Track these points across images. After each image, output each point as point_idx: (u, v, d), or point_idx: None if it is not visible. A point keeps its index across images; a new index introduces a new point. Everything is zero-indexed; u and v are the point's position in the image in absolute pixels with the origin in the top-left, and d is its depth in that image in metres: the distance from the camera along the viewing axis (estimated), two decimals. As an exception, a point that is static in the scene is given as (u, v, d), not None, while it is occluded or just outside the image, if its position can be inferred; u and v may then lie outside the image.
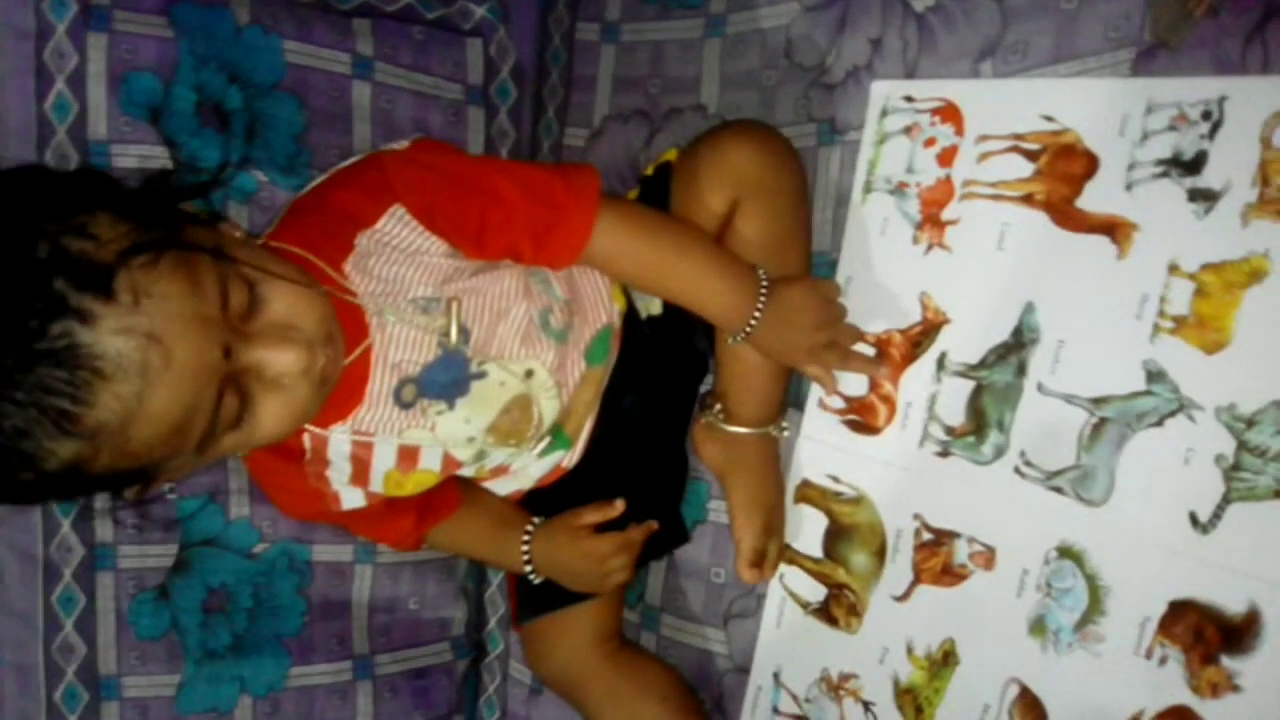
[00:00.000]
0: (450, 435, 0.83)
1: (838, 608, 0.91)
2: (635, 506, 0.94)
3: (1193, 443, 0.73)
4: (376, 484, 0.84)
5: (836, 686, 0.91)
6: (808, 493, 0.93)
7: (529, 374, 0.84)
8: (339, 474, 0.83)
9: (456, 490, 0.93)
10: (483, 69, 1.07)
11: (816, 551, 0.92)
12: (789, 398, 0.94)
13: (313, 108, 0.96)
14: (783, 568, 0.94)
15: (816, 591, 0.92)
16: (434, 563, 1.07)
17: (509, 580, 1.07)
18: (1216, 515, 0.72)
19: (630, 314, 0.93)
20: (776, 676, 0.95)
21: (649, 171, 0.93)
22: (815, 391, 0.92)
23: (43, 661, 0.89)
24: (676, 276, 0.85)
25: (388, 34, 1.01)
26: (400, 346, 0.79)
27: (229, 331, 0.64)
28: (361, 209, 0.79)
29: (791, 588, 0.94)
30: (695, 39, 1.03)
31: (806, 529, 0.93)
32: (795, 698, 0.93)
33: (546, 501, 0.95)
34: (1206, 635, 0.72)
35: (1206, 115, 0.74)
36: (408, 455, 0.83)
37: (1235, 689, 0.70)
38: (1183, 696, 0.73)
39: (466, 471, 0.89)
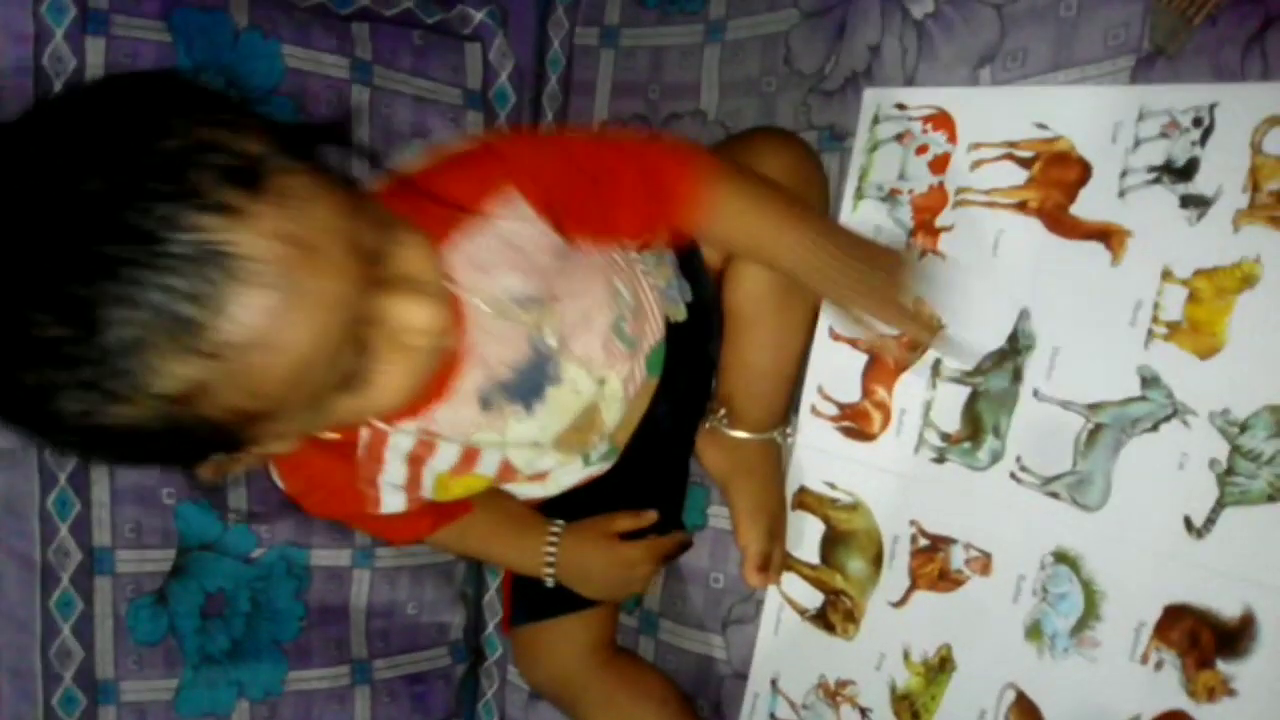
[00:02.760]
0: (518, 440, 0.81)
1: (835, 614, 0.91)
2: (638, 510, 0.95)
3: (1187, 447, 0.73)
4: (426, 487, 0.81)
5: (833, 693, 0.91)
6: (805, 499, 0.93)
7: (602, 383, 0.83)
8: (392, 476, 0.78)
9: None
10: (481, 73, 1.08)
11: (814, 558, 0.93)
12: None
13: (310, 112, 0.96)
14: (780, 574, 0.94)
15: (814, 598, 0.92)
16: (432, 568, 1.07)
17: (504, 583, 1.06)
18: (1211, 520, 0.72)
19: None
20: (774, 683, 0.95)
21: None
22: (807, 397, 0.93)
23: (40, 666, 0.89)
24: (781, 248, 0.80)
25: (386, 39, 1.02)
26: (496, 343, 0.75)
27: (365, 266, 0.55)
28: (470, 192, 0.73)
29: (789, 594, 0.94)
30: (695, 44, 1.04)
31: (804, 535, 0.93)
32: (793, 704, 0.93)
33: (556, 506, 0.95)
34: (1202, 639, 0.72)
35: (1197, 122, 0.74)
36: (468, 458, 0.80)
37: (1231, 693, 0.70)
38: (1179, 701, 0.73)
39: (517, 481, 0.88)
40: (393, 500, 0.81)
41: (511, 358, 0.76)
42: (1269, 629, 0.69)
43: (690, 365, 0.94)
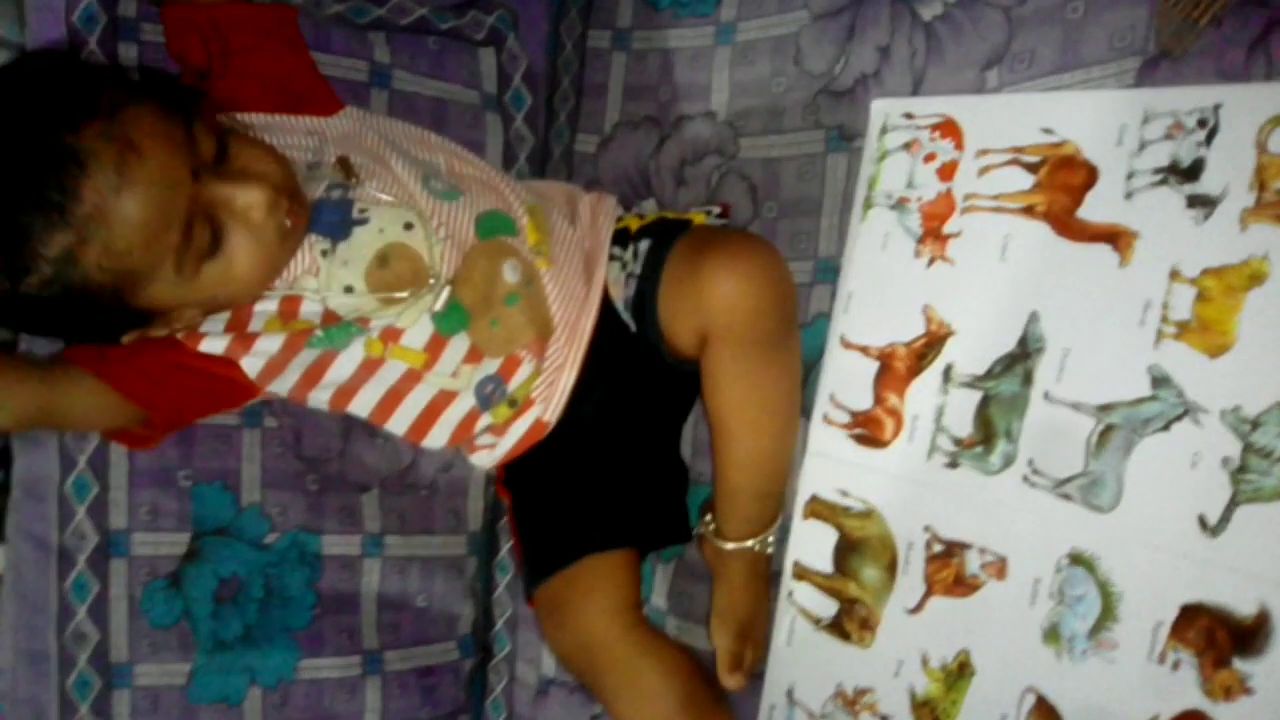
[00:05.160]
0: (331, 280, 0.86)
1: (850, 622, 0.91)
2: (638, 504, 0.97)
3: (1199, 446, 0.73)
4: (257, 327, 0.86)
5: (852, 702, 0.90)
6: (817, 508, 0.93)
7: (408, 227, 0.87)
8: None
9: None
10: (496, 77, 1.10)
11: (827, 567, 0.93)
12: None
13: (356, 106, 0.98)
14: (793, 584, 0.94)
15: (828, 607, 0.92)
16: (442, 560, 1.09)
17: (515, 548, 1.06)
18: (1225, 518, 0.72)
19: (607, 308, 0.94)
20: (790, 694, 0.94)
21: (670, 215, 0.96)
22: (820, 406, 0.93)
23: (55, 649, 0.91)
24: None
25: (404, 45, 1.04)
26: None
27: (198, 162, 0.76)
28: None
29: (802, 604, 0.94)
30: (705, 46, 1.05)
31: (817, 544, 0.93)
32: (811, 715, 0.93)
33: (527, 473, 0.98)
34: (1218, 638, 0.71)
35: (1202, 123, 0.75)
36: (289, 303, 0.86)
37: (1248, 691, 0.70)
38: (1196, 700, 0.72)
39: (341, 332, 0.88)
40: (214, 337, 0.86)
41: (313, 195, 0.87)
42: (1286, 626, 0.69)
43: (646, 359, 0.93)
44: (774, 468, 0.92)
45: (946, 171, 0.87)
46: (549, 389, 0.93)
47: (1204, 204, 0.74)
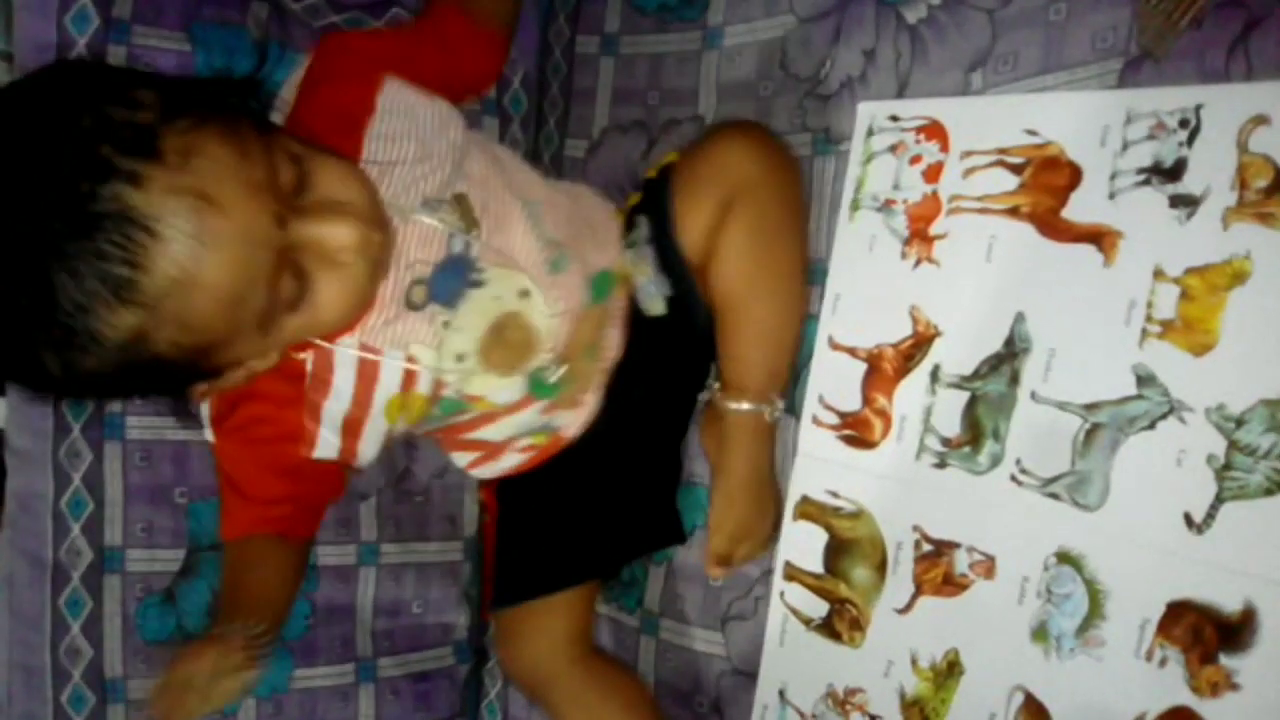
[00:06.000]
0: (446, 351, 0.81)
1: (840, 622, 0.91)
2: (623, 493, 0.97)
3: (1184, 444, 0.74)
4: (378, 409, 0.82)
5: (843, 701, 0.91)
6: (807, 509, 0.94)
7: (524, 294, 0.82)
8: (337, 403, 0.80)
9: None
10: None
11: (817, 567, 0.93)
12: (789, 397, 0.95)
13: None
14: (784, 584, 0.95)
15: (818, 607, 0.93)
16: (437, 566, 1.09)
17: (485, 563, 1.06)
18: (1210, 515, 0.72)
19: (634, 311, 0.94)
20: (782, 694, 0.95)
21: (651, 174, 0.95)
22: (809, 408, 0.93)
23: (50, 664, 0.91)
24: None
25: None
26: (416, 244, 0.77)
27: (280, 202, 0.63)
28: (356, 97, 0.79)
29: (793, 604, 0.94)
30: (693, 51, 1.06)
31: (807, 545, 0.94)
32: (802, 714, 0.93)
33: (522, 487, 0.97)
34: (1205, 635, 0.72)
35: (1184, 123, 0.75)
36: (410, 377, 0.81)
37: (1234, 687, 0.70)
38: (1183, 697, 0.73)
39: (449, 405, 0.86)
40: (328, 441, 0.82)
41: (432, 256, 0.78)
42: (1270, 622, 0.69)
43: (673, 356, 0.96)
44: (786, 338, 0.93)
45: (932, 173, 0.88)
46: (573, 407, 0.93)
47: (1187, 203, 0.75)
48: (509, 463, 0.97)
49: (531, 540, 1.00)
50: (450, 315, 0.79)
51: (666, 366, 0.97)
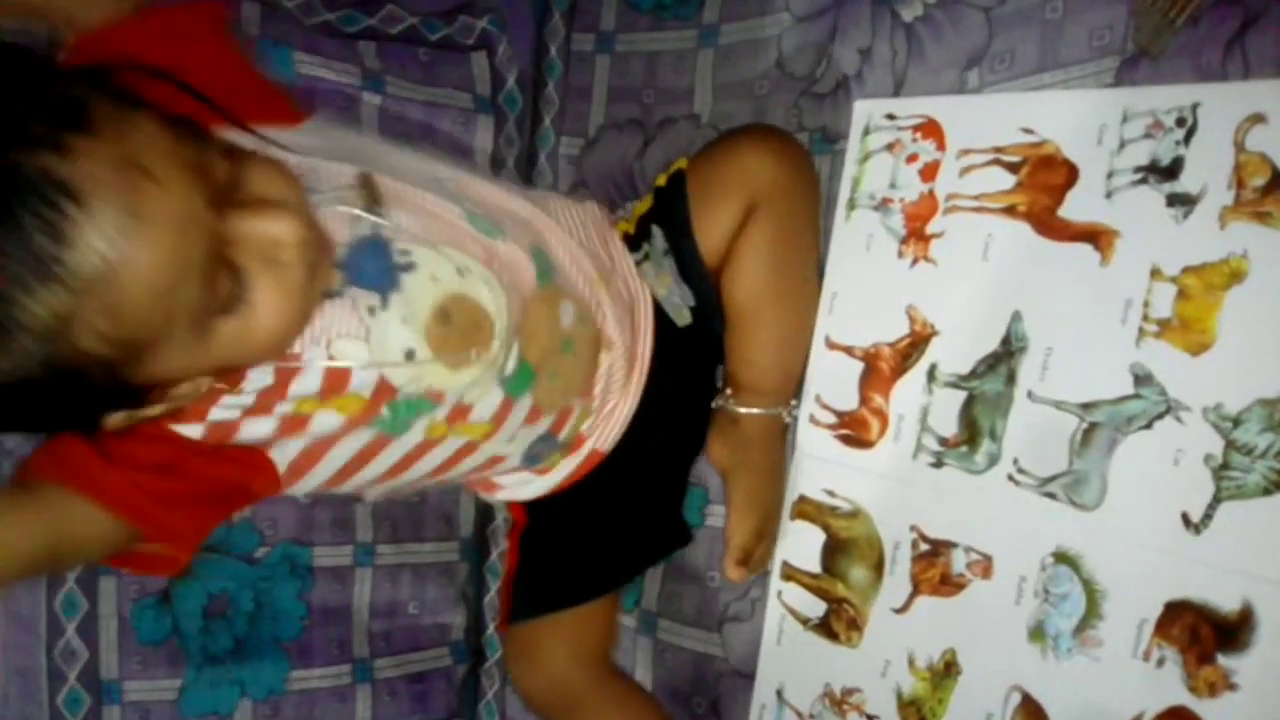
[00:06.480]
0: (386, 344, 0.72)
1: (838, 622, 0.91)
2: (637, 508, 0.95)
3: (1182, 444, 0.74)
4: (287, 406, 0.71)
5: (840, 702, 0.91)
6: (804, 508, 0.94)
7: (463, 271, 0.75)
8: (248, 389, 0.70)
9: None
10: (489, 79, 1.11)
11: (815, 567, 0.93)
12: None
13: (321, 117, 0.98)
14: (781, 584, 0.94)
15: (816, 607, 0.92)
16: (433, 567, 1.09)
17: (506, 578, 1.03)
18: (1208, 515, 0.72)
19: (664, 324, 0.93)
20: (780, 694, 0.95)
21: (661, 181, 0.94)
22: (806, 407, 0.93)
23: (45, 666, 0.91)
24: None
25: (394, 55, 1.04)
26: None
27: (215, 190, 0.57)
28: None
29: (790, 604, 0.94)
30: (689, 49, 1.06)
31: (804, 544, 0.93)
32: (799, 714, 0.93)
33: (564, 501, 0.94)
34: (1202, 635, 0.72)
35: (1181, 122, 0.75)
36: (335, 378, 0.71)
37: (1232, 687, 0.70)
38: (1181, 697, 0.72)
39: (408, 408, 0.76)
40: (252, 427, 0.72)
41: (338, 237, 0.70)
42: (1268, 622, 0.69)
43: (695, 365, 0.95)
44: (802, 340, 0.93)
45: (929, 172, 0.87)
46: (606, 420, 0.91)
47: (1184, 202, 0.75)
48: (542, 485, 0.94)
49: (555, 553, 0.98)
50: (377, 301, 0.71)
51: (691, 375, 0.96)
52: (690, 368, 0.96)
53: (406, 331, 0.73)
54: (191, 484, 0.68)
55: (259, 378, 0.69)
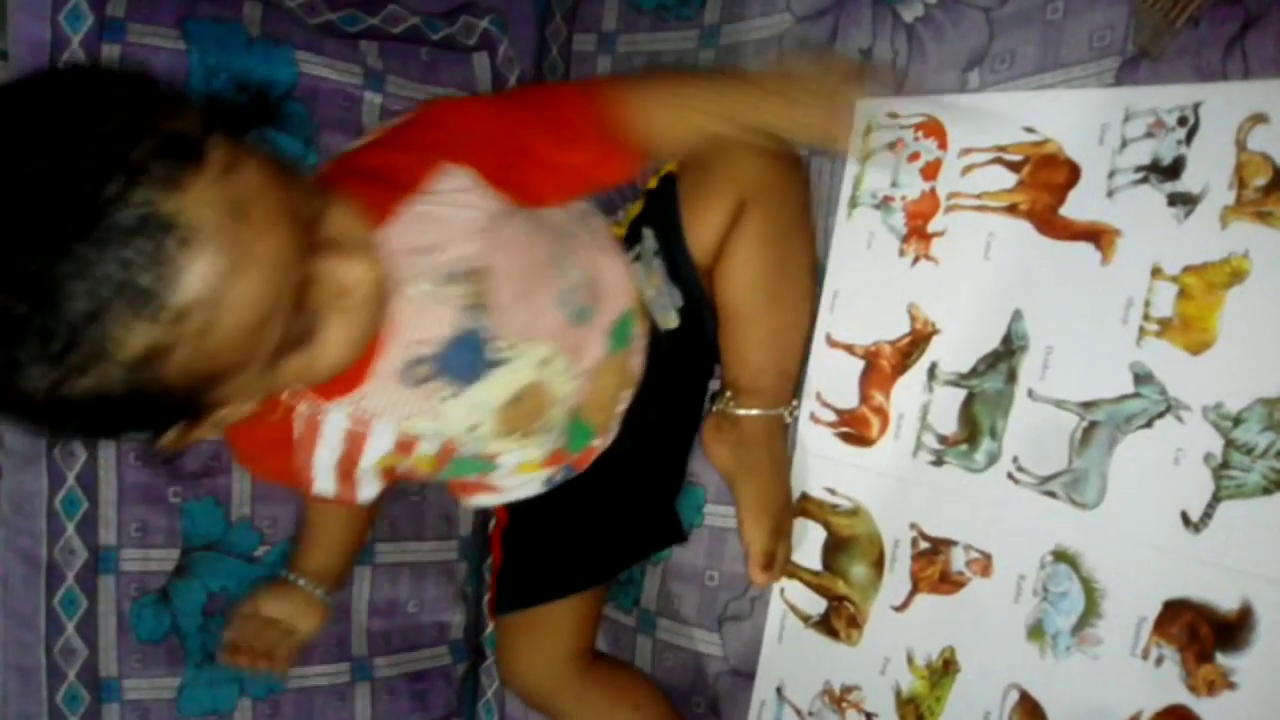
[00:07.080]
0: (454, 423, 0.79)
1: (838, 620, 0.91)
2: (630, 504, 0.96)
3: (1182, 443, 0.74)
4: (365, 469, 0.81)
5: (839, 699, 0.91)
6: (806, 506, 0.94)
7: (545, 363, 0.81)
8: (326, 456, 0.79)
9: None
10: (491, 80, 1.11)
11: (816, 564, 0.93)
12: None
13: (322, 116, 0.98)
14: (783, 581, 0.94)
15: (816, 604, 0.93)
16: (433, 565, 1.09)
17: (493, 569, 1.06)
18: (1207, 514, 0.72)
19: (651, 331, 0.93)
20: (780, 691, 0.95)
21: (652, 184, 0.95)
22: (807, 405, 0.93)
23: (44, 663, 0.91)
24: (723, 108, 0.84)
25: (395, 55, 1.04)
26: (417, 319, 0.74)
27: (304, 232, 0.59)
28: (408, 170, 0.75)
29: (791, 601, 0.94)
30: (690, 50, 1.06)
31: (805, 542, 0.94)
32: (799, 711, 0.93)
33: (545, 498, 0.95)
34: (1201, 633, 0.72)
35: (1182, 121, 0.75)
36: (405, 444, 0.80)
37: (1231, 686, 0.70)
38: (1180, 696, 0.73)
39: (465, 465, 0.86)
40: (325, 482, 0.82)
41: (434, 333, 0.75)
42: (1267, 621, 0.69)
43: (684, 367, 0.96)
44: (798, 339, 0.93)
45: (930, 171, 0.88)
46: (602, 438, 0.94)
47: (1185, 202, 0.75)
48: (527, 491, 0.96)
49: (538, 547, 0.99)
50: (455, 390, 0.77)
51: (679, 378, 0.97)
52: (677, 373, 0.96)
53: (475, 413, 0.79)
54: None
55: (333, 448, 0.78)
